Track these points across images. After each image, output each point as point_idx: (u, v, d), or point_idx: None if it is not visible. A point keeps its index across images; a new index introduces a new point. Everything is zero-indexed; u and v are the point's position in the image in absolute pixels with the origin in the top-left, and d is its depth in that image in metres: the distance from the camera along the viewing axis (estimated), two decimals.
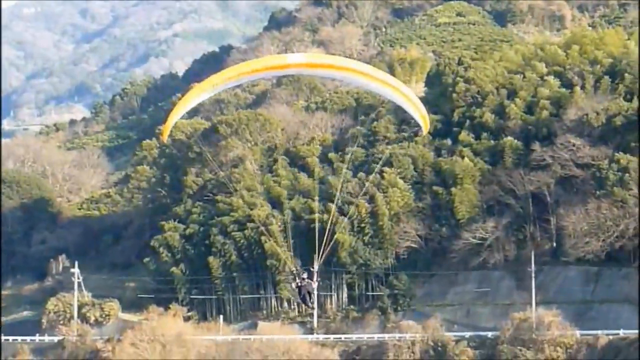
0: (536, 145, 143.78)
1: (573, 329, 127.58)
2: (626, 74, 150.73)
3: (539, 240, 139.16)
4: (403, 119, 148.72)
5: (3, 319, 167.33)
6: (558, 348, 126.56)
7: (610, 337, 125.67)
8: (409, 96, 29.56)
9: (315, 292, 35.74)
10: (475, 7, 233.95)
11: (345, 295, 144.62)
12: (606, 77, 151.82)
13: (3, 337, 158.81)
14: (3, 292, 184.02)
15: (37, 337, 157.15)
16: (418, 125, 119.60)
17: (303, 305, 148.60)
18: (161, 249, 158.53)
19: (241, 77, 29.67)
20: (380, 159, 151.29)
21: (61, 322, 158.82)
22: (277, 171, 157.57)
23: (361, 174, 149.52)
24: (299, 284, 34.48)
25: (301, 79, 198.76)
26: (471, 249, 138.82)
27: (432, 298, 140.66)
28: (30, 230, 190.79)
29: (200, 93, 29.16)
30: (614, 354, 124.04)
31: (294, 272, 36.65)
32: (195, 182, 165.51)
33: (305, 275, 34.91)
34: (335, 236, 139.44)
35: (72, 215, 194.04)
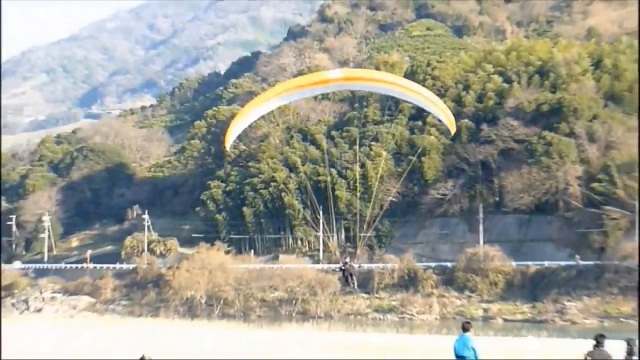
0: (484, 126, 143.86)
1: (510, 261, 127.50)
2: (551, 73, 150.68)
3: (486, 196, 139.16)
4: (386, 106, 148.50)
5: (92, 252, 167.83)
6: (499, 275, 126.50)
7: (538, 267, 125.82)
8: (437, 104, 28.00)
9: (356, 270, 34.21)
10: (440, 23, 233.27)
11: (343, 236, 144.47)
12: (536, 75, 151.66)
13: (92, 265, 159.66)
14: (93, 232, 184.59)
15: (117, 265, 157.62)
16: (397, 110, 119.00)
17: (312, 243, 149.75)
18: (208, 202, 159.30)
19: (290, 92, 27.68)
20: (370, 136, 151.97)
21: (135, 254, 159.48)
22: (293, 145, 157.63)
23: (355, 147, 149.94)
24: (342, 268, 33.33)
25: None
26: (436, 202, 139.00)
27: (407, 238, 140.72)
28: (112, 187, 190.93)
29: (252, 109, 27.65)
30: (540, 279, 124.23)
31: (340, 259, 35.07)
32: (233, 153, 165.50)
33: (347, 260, 33.82)
34: (336, 193, 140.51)
35: (143, 176, 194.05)
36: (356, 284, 32.80)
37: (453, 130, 28.98)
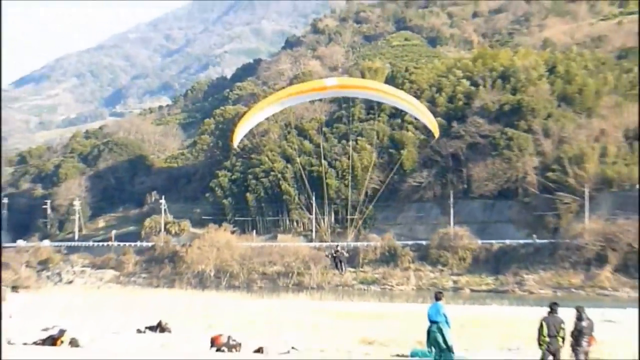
0: (454, 123, 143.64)
1: (476, 240, 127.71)
2: (511, 78, 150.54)
3: (455, 183, 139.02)
4: (370, 106, 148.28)
5: (116, 231, 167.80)
6: (467, 251, 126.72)
7: (500, 244, 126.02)
8: (422, 111, 27.44)
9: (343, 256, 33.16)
10: (416, 34, 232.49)
11: (333, 218, 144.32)
12: (499, 79, 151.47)
13: (116, 243, 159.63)
14: (117, 215, 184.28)
15: (138, 243, 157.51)
16: (379, 109, 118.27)
17: (306, 224, 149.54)
18: (216, 188, 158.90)
19: (291, 97, 27.19)
20: (356, 132, 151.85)
21: (153, 233, 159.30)
22: (290, 139, 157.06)
23: (343, 141, 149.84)
24: (334, 254, 32.47)
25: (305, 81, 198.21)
26: (412, 189, 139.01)
27: (387, 220, 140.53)
28: (133, 175, 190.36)
29: (257, 112, 27.04)
30: (501, 255, 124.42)
31: (331, 246, 33.94)
32: (237, 146, 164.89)
33: (339, 248, 32.95)
34: (327, 181, 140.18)
35: (159, 166, 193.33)
36: (345, 269, 32.17)
37: (436, 134, 28.50)
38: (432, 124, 27.17)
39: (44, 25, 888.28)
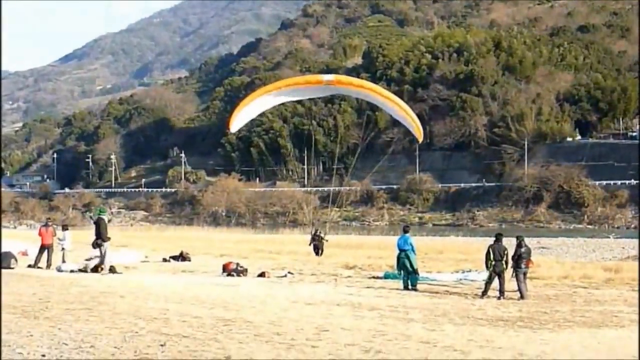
0: (419, 89, 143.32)
1: (437, 184, 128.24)
2: (465, 52, 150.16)
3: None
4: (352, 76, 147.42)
5: (145, 180, 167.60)
6: (429, 193, 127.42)
7: (456, 187, 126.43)
8: (407, 111, 25.77)
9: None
10: (388, 17, 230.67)
11: (321, 167, 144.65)
12: (454, 54, 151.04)
13: (145, 189, 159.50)
14: (146, 166, 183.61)
15: (163, 189, 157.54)
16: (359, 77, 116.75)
17: (299, 172, 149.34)
18: (226, 144, 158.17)
19: (289, 87, 25.35)
20: (339, 96, 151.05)
21: (175, 181, 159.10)
22: (285, 103, 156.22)
23: (329, 105, 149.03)
24: (312, 238, 31.82)
25: (304, 57, 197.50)
26: (386, 143, 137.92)
27: (365, 169, 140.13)
28: (158, 134, 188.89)
29: (253, 99, 25.42)
30: (457, 196, 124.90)
31: (312, 233, 32.83)
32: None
33: (319, 232, 32.21)
34: (315, 137, 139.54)
35: (180, 127, 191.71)
36: (321, 254, 31.56)
37: (420, 139, 26.88)
38: (418, 130, 25.65)
39: (85, 11, 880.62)
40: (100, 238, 25.36)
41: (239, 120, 25.46)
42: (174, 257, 36.46)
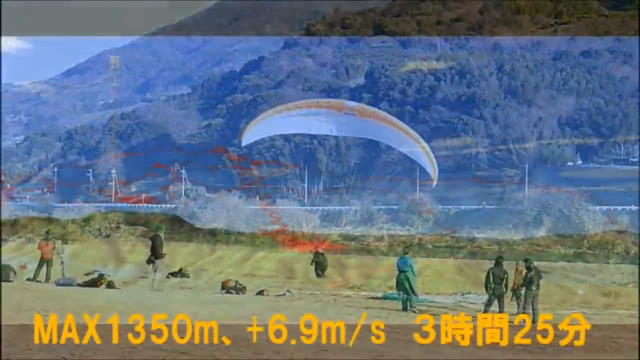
0: (421, 110, 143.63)
1: (437, 205, 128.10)
2: (467, 74, 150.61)
3: None
4: (351, 96, 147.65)
5: (145, 195, 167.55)
6: (429, 214, 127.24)
7: (456, 209, 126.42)
8: (427, 151, 25.40)
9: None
10: (391, 38, 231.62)
11: (321, 186, 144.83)
12: (457, 75, 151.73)
13: (145, 204, 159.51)
14: (146, 181, 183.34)
15: (163, 205, 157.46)
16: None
17: (299, 191, 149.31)
18: (227, 162, 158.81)
19: (311, 107, 25.07)
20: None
21: (175, 197, 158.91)
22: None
23: None
24: (316, 261, 31.90)
25: (307, 76, 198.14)
26: (386, 163, 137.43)
27: (365, 189, 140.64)
28: (159, 150, 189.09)
29: (272, 115, 25.15)
30: (458, 217, 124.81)
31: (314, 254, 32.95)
32: (241, 129, 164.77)
33: (320, 250, 32.32)
34: (316, 156, 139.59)
35: (181, 143, 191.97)
36: (322, 276, 31.71)
37: (435, 181, 27.09)
38: (433, 170, 25.57)
39: (88, 26, 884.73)
40: (155, 255, 25.21)
41: (253, 133, 25.52)
42: (173, 274, 36.48)
